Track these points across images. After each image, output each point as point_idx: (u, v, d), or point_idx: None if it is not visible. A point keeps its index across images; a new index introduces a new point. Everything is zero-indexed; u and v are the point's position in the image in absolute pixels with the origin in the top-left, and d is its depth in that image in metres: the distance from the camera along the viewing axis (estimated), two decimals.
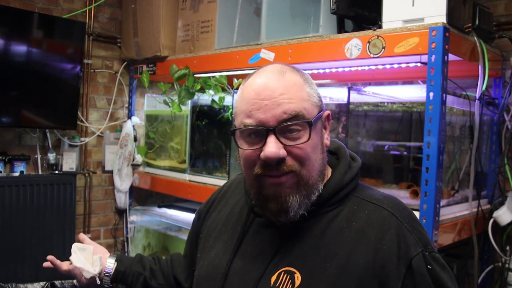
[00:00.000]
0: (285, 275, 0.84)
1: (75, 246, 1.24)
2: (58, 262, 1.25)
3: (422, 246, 0.83)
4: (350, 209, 0.88)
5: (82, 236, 1.32)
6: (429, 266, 0.81)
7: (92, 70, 2.94)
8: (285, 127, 0.82)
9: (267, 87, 0.83)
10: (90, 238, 3.09)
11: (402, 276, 0.80)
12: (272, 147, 0.81)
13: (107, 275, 1.21)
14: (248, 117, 0.84)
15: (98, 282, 1.20)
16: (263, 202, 0.87)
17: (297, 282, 0.82)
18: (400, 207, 0.88)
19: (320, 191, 0.87)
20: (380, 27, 1.70)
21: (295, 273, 0.83)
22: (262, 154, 0.82)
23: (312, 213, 0.87)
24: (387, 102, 2.02)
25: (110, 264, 1.22)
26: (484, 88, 1.72)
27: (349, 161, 0.94)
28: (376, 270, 0.80)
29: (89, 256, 1.22)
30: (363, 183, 0.96)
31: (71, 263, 1.21)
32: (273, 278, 0.85)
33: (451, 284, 0.84)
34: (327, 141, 0.90)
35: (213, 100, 2.27)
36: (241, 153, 0.88)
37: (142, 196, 3.19)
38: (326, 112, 0.90)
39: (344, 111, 1.97)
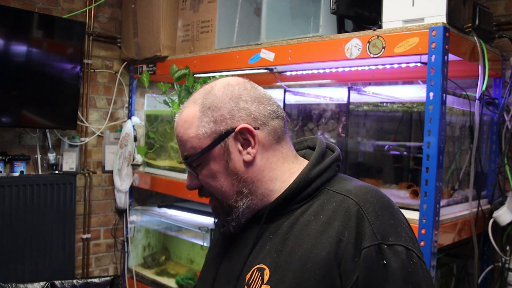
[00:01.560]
0: (257, 272, 0.87)
1: None
2: None
3: (380, 238, 0.78)
4: (320, 203, 0.87)
5: None
6: (384, 262, 0.77)
7: (92, 70, 2.94)
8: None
9: (174, 128, 0.96)
10: (90, 238, 3.10)
11: (358, 268, 0.77)
12: (187, 179, 0.97)
13: None
14: None
15: None
16: None
17: (266, 278, 0.85)
18: (369, 195, 0.84)
19: (243, 207, 0.91)
20: (380, 27, 1.70)
21: (265, 269, 0.86)
22: None
23: (283, 210, 0.90)
24: (387, 102, 2.02)
25: None
26: (484, 88, 1.72)
27: (322, 153, 0.94)
28: (337, 262, 0.79)
29: None
30: (344, 175, 0.95)
31: None
32: (248, 276, 0.88)
33: (411, 285, 0.78)
34: (247, 157, 0.89)
35: None
36: None
37: (142, 196, 3.19)
38: (238, 128, 0.88)
39: (344, 111, 1.97)
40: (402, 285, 0.77)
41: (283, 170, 0.92)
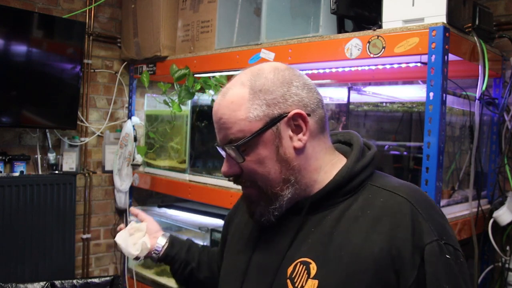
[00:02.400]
0: (301, 265, 0.85)
1: (131, 225, 1.26)
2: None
3: (437, 235, 0.80)
4: (365, 198, 0.86)
5: (134, 210, 1.34)
6: (447, 256, 0.79)
7: (92, 70, 2.94)
8: (225, 149, 0.89)
9: (213, 110, 0.91)
10: (90, 238, 3.10)
11: (417, 265, 0.78)
12: (224, 165, 0.92)
13: (155, 253, 1.23)
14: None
15: (142, 260, 1.24)
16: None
17: (313, 272, 0.83)
18: (417, 194, 0.85)
19: (289, 196, 0.88)
20: (380, 27, 1.70)
21: (311, 263, 0.84)
22: None
23: (325, 203, 0.88)
24: (387, 102, 2.02)
25: (160, 244, 1.23)
26: (484, 88, 1.72)
27: (362, 149, 0.93)
28: (391, 259, 0.78)
29: (139, 237, 1.24)
30: (380, 172, 0.94)
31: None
32: (290, 270, 0.86)
33: (465, 284, 0.81)
34: (298, 143, 0.87)
35: (213, 100, 2.27)
36: None
37: (142, 196, 3.19)
38: (292, 113, 0.86)
39: (344, 111, 1.97)
40: (461, 280, 0.80)
41: (326, 160, 0.91)
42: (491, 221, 1.87)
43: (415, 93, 1.96)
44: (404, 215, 0.81)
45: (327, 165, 0.90)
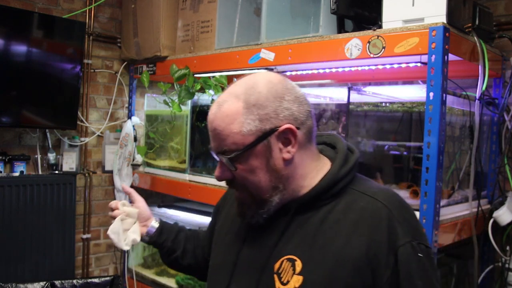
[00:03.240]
0: (287, 262, 0.92)
1: (122, 206, 1.32)
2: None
3: (411, 237, 0.88)
4: (347, 202, 0.93)
5: (127, 189, 1.43)
6: (420, 255, 0.87)
7: (92, 70, 2.94)
8: (219, 157, 0.95)
9: (208, 120, 0.96)
10: (90, 238, 3.10)
11: (391, 265, 0.86)
12: (217, 170, 0.97)
13: (144, 240, 1.32)
14: None
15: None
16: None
17: (298, 269, 0.90)
18: (393, 199, 0.93)
19: (277, 201, 0.95)
20: (380, 27, 1.70)
21: (296, 260, 0.91)
22: None
23: (310, 205, 0.95)
24: (387, 102, 2.02)
25: (151, 231, 1.32)
26: (484, 88, 1.72)
27: (346, 154, 0.99)
28: (368, 259, 0.86)
29: (129, 224, 1.30)
30: (361, 175, 1.01)
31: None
32: (276, 265, 0.93)
33: (436, 282, 0.89)
34: (287, 155, 0.93)
35: (213, 100, 2.27)
36: None
37: (142, 196, 3.18)
38: (282, 128, 0.91)
39: (344, 111, 1.97)
40: (432, 277, 0.89)
41: (312, 167, 0.97)
42: (491, 221, 1.87)
43: (415, 93, 1.96)
44: (381, 219, 0.89)
45: (312, 171, 0.97)
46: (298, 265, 0.90)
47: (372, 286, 0.87)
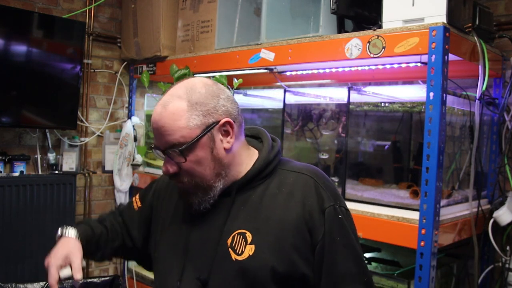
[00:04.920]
0: (238, 236, 1.06)
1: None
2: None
3: (333, 200, 1.06)
4: (279, 179, 1.11)
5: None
6: (339, 216, 1.06)
7: (92, 70, 2.94)
8: (167, 152, 1.05)
9: (154, 119, 1.07)
10: None
11: (323, 223, 1.04)
12: (164, 166, 1.08)
13: None
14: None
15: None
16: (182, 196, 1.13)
17: (249, 240, 1.04)
18: (316, 172, 1.12)
19: (220, 186, 1.08)
20: (380, 27, 1.70)
21: (246, 233, 1.05)
22: None
23: (248, 186, 1.10)
24: (387, 102, 2.02)
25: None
26: (484, 88, 1.72)
27: (271, 142, 1.17)
28: (305, 220, 1.04)
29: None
30: (284, 158, 1.19)
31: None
32: (229, 241, 1.06)
33: (353, 233, 1.09)
34: (227, 145, 1.08)
35: None
36: None
37: None
38: (222, 121, 1.06)
39: (344, 111, 1.97)
40: (349, 231, 1.07)
41: (245, 155, 1.13)
42: (491, 221, 1.87)
43: (415, 93, 1.96)
44: (310, 187, 1.08)
45: (246, 158, 1.13)
46: (249, 236, 1.05)
47: (310, 241, 1.03)
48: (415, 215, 1.57)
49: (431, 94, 1.51)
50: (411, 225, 1.56)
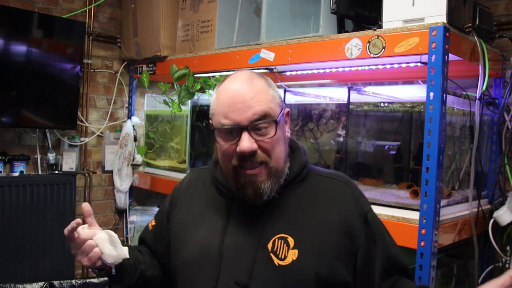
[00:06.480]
0: (280, 240, 1.03)
1: (82, 230, 1.12)
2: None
3: (369, 205, 1.11)
4: (311, 183, 1.11)
5: (88, 208, 1.17)
6: (377, 220, 1.10)
7: (92, 70, 2.94)
8: (255, 125, 1.01)
9: (239, 93, 1.01)
10: None
11: (363, 227, 1.06)
12: (246, 142, 1.00)
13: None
14: (225, 118, 1.01)
15: (114, 271, 1.09)
16: (241, 189, 1.05)
17: (291, 244, 1.03)
18: (348, 178, 1.15)
19: (286, 174, 1.07)
20: (380, 27, 1.69)
21: (287, 237, 1.03)
22: (238, 148, 1.01)
23: (285, 190, 1.08)
24: (387, 102, 2.02)
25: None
26: (484, 88, 1.72)
27: (302, 145, 1.18)
28: (346, 225, 1.05)
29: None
30: (310, 164, 1.19)
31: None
32: (270, 245, 1.03)
33: (387, 235, 1.13)
34: (287, 134, 1.10)
35: None
36: (220, 148, 1.06)
37: (142, 196, 3.18)
38: (286, 110, 1.09)
39: (344, 111, 1.97)
40: (386, 234, 1.12)
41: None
42: (491, 221, 1.87)
43: (415, 93, 1.96)
44: (347, 193, 1.10)
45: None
46: (291, 241, 1.03)
47: (350, 246, 1.04)
48: (415, 215, 1.57)
49: (431, 94, 1.51)
50: (411, 225, 1.56)
